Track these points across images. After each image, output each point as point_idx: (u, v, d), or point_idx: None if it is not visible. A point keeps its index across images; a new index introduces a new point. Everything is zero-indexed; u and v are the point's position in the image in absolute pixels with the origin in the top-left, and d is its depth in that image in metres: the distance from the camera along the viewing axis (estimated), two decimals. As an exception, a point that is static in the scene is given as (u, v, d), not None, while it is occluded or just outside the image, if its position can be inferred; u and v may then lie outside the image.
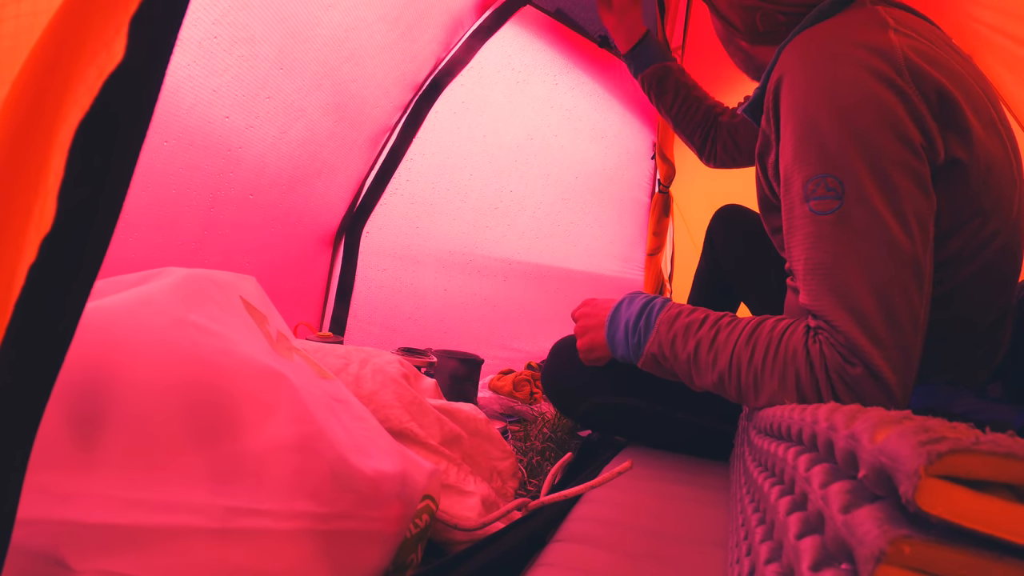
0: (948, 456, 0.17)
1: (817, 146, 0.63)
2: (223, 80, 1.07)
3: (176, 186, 1.08)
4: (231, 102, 1.11)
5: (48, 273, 0.25)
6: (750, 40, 0.83)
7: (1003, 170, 0.68)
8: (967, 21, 1.21)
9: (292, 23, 1.13)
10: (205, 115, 1.07)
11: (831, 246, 0.62)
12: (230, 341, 0.46)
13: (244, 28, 1.05)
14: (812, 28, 0.70)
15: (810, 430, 0.31)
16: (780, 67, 0.69)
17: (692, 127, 1.22)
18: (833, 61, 0.65)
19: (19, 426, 0.25)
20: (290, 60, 1.17)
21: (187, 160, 1.08)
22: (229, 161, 1.16)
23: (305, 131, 1.29)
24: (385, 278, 1.66)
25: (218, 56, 1.04)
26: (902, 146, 0.61)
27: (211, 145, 1.11)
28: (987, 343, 0.73)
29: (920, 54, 0.64)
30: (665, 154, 2.11)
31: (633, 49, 1.21)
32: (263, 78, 1.14)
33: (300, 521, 0.43)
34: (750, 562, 0.35)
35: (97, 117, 0.26)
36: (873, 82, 0.62)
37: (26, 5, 0.29)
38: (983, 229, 0.67)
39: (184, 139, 1.06)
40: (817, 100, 0.64)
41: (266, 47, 1.11)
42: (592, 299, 0.92)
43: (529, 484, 0.92)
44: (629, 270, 2.37)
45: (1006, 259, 0.70)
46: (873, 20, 0.68)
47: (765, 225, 0.85)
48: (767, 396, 0.66)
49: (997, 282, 0.70)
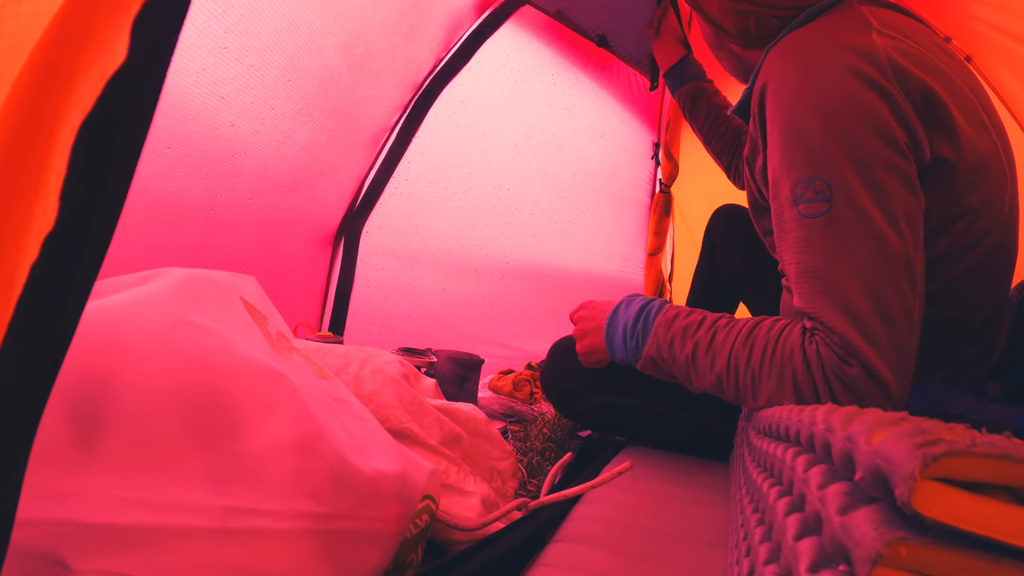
0: (944, 459, 0.17)
1: (803, 150, 0.64)
2: (232, 88, 1.08)
3: (177, 189, 1.08)
4: (238, 109, 1.11)
5: (50, 272, 0.25)
6: (743, 44, 0.84)
7: (993, 169, 0.68)
8: (968, 20, 1.21)
9: (304, 32, 1.14)
10: (211, 121, 1.08)
11: (821, 249, 0.62)
12: (230, 341, 0.47)
13: (256, 37, 1.06)
14: (796, 32, 0.71)
15: (808, 431, 0.31)
16: (765, 72, 0.70)
17: (721, 146, 1.24)
18: (816, 64, 0.65)
19: (19, 425, 0.26)
20: (300, 68, 1.18)
21: (190, 164, 1.08)
22: (232, 165, 1.16)
23: (309, 135, 1.29)
24: (384, 277, 1.66)
25: (228, 64, 1.04)
26: (887, 146, 0.62)
27: (215, 150, 1.11)
28: (981, 341, 0.73)
29: (904, 54, 0.64)
30: (672, 154, 2.11)
31: (672, 68, 1.28)
32: (272, 86, 1.15)
33: (300, 521, 0.43)
34: (749, 563, 0.35)
35: (99, 117, 0.26)
36: (856, 84, 0.63)
37: (27, 5, 0.29)
38: (973, 227, 0.67)
39: (188, 143, 1.06)
40: (802, 104, 0.64)
41: (277, 56, 1.12)
42: (590, 301, 0.92)
43: (529, 484, 0.92)
44: (628, 269, 2.37)
45: (998, 258, 0.70)
46: (856, 21, 0.68)
47: (757, 227, 0.85)
48: (765, 397, 0.66)
49: (989, 281, 0.70)
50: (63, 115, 0.26)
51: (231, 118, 1.11)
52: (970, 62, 1.30)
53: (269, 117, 1.18)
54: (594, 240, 2.24)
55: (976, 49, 1.25)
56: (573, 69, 1.92)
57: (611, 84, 2.04)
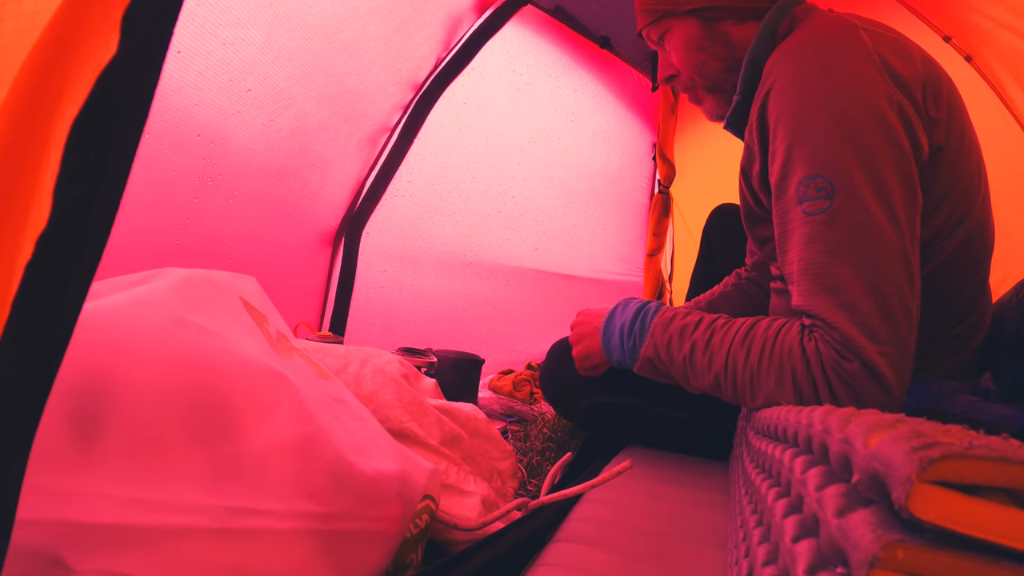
0: (940, 462, 0.17)
1: (808, 148, 0.65)
2: (208, 63, 1.06)
3: (162, 168, 1.07)
4: (217, 85, 1.10)
5: (45, 270, 0.25)
6: (740, 16, 0.81)
7: (970, 149, 0.72)
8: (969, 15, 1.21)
9: (280, 8, 1.13)
10: (192, 97, 1.07)
11: (823, 246, 0.63)
12: (230, 341, 0.47)
13: (229, 11, 1.05)
14: (794, 37, 0.73)
15: (805, 433, 0.31)
16: (768, 78, 0.71)
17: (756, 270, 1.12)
18: (821, 66, 0.66)
19: (19, 424, 0.26)
20: (278, 46, 1.17)
21: (173, 143, 1.07)
22: (217, 147, 1.15)
23: (294, 120, 1.28)
24: (385, 279, 1.66)
25: (202, 38, 1.03)
26: (893, 148, 0.63)
27: (196, 128, 1.10)
28: (970, 317, 0.75)
29: (889, 50, 0.67)
30: (665, 154, 2.11)
31: None
32: (250, 63, 1.13)
33: (300, 521, 0.43)
34: (748, 564, 0.35)
35: (92, 111, 0.26)
36: (865, 87, 0.64)
37: (26, 4, 0.29)
38: (960, 204, 0.70)
39: (170, 121, 1.05)
40: (806, 105, 0.65)
41: (253, 31, 1.11)
42: (586, 309, 0.92)
43: (529, 484, 0.92)
44: (631, 272, 2.37)
45: (978, 234, 0.73)
46: (844, 21, 0.71)
47: (751, 238, 0.85)
48: (764, 396, 0.66)
49: (974, 256, 0.73)
50: (59, 112, 0.26)
51: (211, 94, 1.10)
52: (970, 61, 1.30)
53: (251, 97, 1.16)
54: (599, 244, 2.23)
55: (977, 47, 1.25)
56: (579, 70, 1.91)
57: (614, 85, 2.04)
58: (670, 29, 0.85)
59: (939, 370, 0.75)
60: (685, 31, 0.83)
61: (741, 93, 0.80)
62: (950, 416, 0.65)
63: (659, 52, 0.89)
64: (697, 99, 0.89)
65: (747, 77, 0.79)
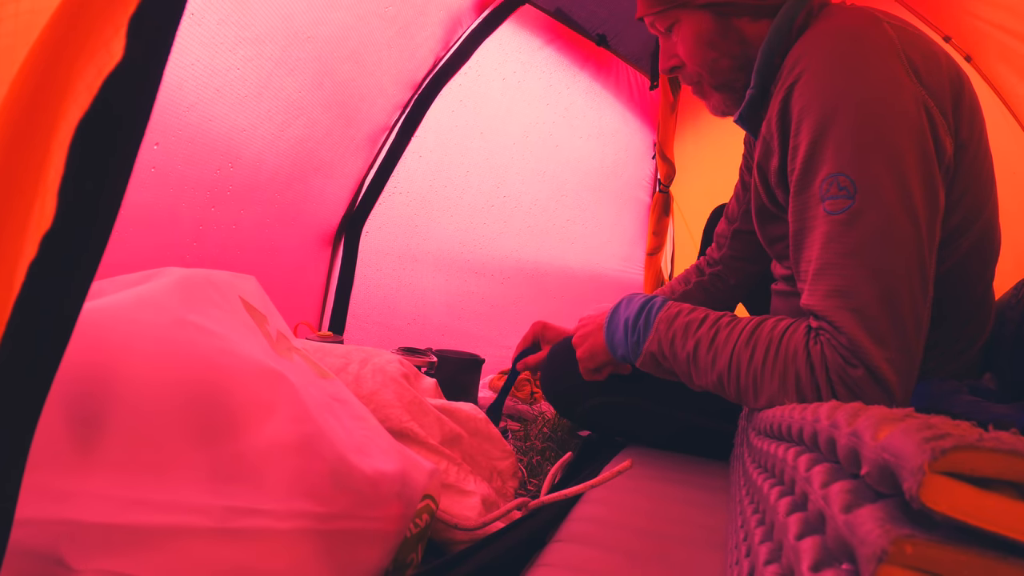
0: (952, 452, 0.16)
1: (834, 145, 0.63)
2: (226, 80, 1.07)
3: (174, 184, 1.08)
4: (232, 101, 1.11)
5: (48, 270, 0.25)
6: (756, 14, 0.78)
7: (986, 147, 0.71)
8: (968, 18, 1.21)
9: (297, 22, 1.13)
10: (205, 113, 1.07)
11: (840, 246, 0.62)
12: (230, 341, 0.46)
13: (249, 28, 1.06)
14: (819, 28, 0.70)
15: (811, 428, 0.31)
16: (794, 69, 0.69)
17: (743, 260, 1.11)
18: (849, 61, 0.65)
19: (19, 424, 0.25)
20: (293, 59, 1.17)
21: (185, 157, 1.08)
22: (228, 159, 1.16)
23: (304, 129, 1.29)
24: (384, 277, 1.66)
25: (222, 56, 1.04)
26: (916, 147, 0.62)
27: (209, 143, 1.11)
28: (976, 316, 0.74)
29: (914, 48, 0.65)
30: (665, 154, 2.11)
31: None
32: (266, 77, 1.14)
33: (300, 521, 0.43)
34: (750, 563, 0.35)
35: (97, 115, 0.26)
36: (889, 84, 0.63)
37: (26, 4, 0.29)
38: (976, 201, 0.70)
39: (183, 136, 1.05)
40: (834, 100, 0.64)
41: (270, 47, 1.11)
42: (588, 315, 0.92)
43: (529, 484, 0.92)
44: (629, 268, 2.37)
45: (988, 232, 0.73)
46: (868, 14, 0.69)
47: (761, 236, 0.84)
48: (767, 397, 0.65)
49: (984, 256, 0.73)
50: (61, 113, 0.26)
51: (225, 110, 1.10)
52: (970, 61, 1.30)
53: (263, 110, 1.17)
54: (594, 239, 2.23)
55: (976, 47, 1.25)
56: (572, 68, 1.91)
57: (610, 83, 2.04)
58: (680, 20, 0.81)
59: (943, 371, 0.74)
60: (697, 24, 0.80)
61: (756, 87, 0.77)
62: (952, 416, 0.65)
63: (661, 40, 0.86)
64: (702, 94, 0.86)
65: (762, 70, 0.76)
